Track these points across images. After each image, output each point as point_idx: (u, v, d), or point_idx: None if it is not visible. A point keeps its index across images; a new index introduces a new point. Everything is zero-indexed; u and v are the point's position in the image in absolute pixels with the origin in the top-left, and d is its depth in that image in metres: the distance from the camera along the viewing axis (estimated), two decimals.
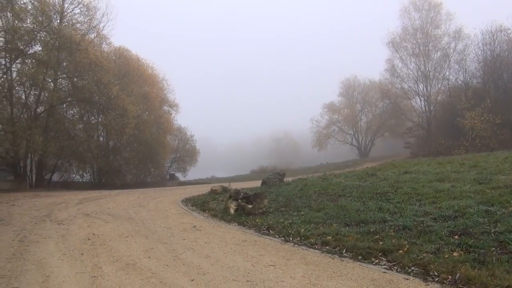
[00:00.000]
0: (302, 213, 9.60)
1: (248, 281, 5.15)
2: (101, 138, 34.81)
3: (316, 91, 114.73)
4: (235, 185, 17.34)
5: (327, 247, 6.77)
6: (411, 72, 43.77)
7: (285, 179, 17.60)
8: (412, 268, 5.34)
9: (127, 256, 6.47)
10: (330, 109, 58.64)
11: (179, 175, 45.50)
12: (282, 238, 7.69)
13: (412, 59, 43.67)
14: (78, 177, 34.34)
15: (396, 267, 5.49)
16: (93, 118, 33.75)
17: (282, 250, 6.77)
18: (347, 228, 7.75)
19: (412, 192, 10.10)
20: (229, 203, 10.88)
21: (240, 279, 5.25)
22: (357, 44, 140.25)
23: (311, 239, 7.30)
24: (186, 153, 45.47)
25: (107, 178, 32.71)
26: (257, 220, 9.43)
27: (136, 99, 31.59)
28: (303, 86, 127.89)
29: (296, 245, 7.09)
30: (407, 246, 6.07)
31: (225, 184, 17.21)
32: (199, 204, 12.96)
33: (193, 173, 47.76)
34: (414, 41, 43.16)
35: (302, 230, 7.92)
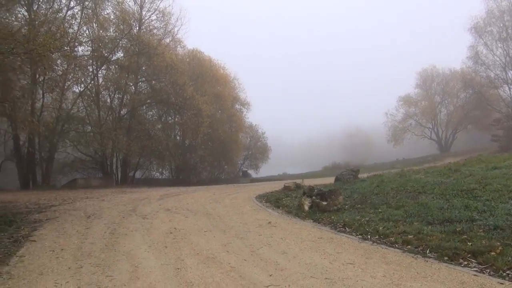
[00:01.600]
0: (380, 210, 9.26)
1: (326, 278, 5.09)
2: (177, 137, 36.58)
3: (389, 83, 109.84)
4: (307, 182, 17.23)
5: (409, 247, 6.48)
6: (497, 59, 40.10)
7: (359, 176, 17.11)
8: (508, 272, 4.91)
9: (207, 250, 6.71)
10: (406, 101, 55.64)
11: (251, 172, 46.34)
12: (360, 236, 7.49)
13: (499, 44, 39.96)
14: (158, 174, 36.46)
15: (488, 270, 5.09)
16: (170, 118, 35.57)
17: (360, 248, 6.60)
18: (429, 227, 7.34)
19: (504, 189, 9.25)
20: (303, 199, 10.84)
21: (318, 276, 5.20)
22: (435, 32, 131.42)
23: (391, 238, 7.02)
24: (258, 150, 46.11)
25: (184, 175, 34.31)
26: (333, 217, 9.29)
27: (209, 98, 32.68)
28: (375, 79, 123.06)
29: (375, 244, 6.86)
30: (500, 248, 5.59)
31: (298, 181, 17.17)
32: (273, 200, 13.07)
33: (265, 170, 48.37)
34: (501, 25, 39.44)
35: (380, 228, 7.65)
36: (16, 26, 16.94)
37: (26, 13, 22.30)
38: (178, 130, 35.97)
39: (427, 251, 6.11)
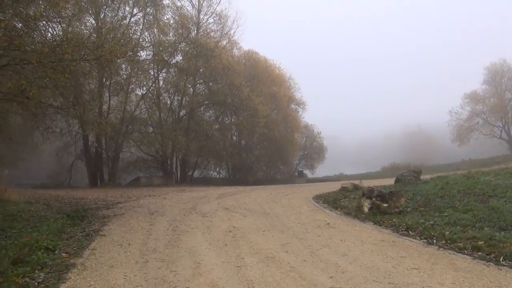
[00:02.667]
0: (445, 214, 8.79)
1: (390, 283, 4.92)
2: (234, 137, 37.17)
3: (453, 80, 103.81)
4: (366, 183, 16.76)
5: (479, 253, 6.09)
6: None
7: (421, 177, 16.36)
8: None
9: (266, 249, 6.75)
10: (472, 99, 52.15)
11: (307, 172, 45.95)
12: (424, 240, 7.15)
13: None
14: (215, 173, 37.28)
15: None
16: (226, 119, 36.26)
17: (425, 253, 6.30)
18: (502, 233, 6.86)
19: None
20: (362, 201, 10.56)
21: (381, 280, 5.04)
22: (504, 26, 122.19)
23: (459, 243, 6.64)
24: (314, 150, 45.63)
25: (240, 175, 34.80)
26: (394, 219, 8.95)
27: (265, 99, 32.90)
28: (437, 75, 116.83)
29: (441, 249, 6.52)
30: None
31: (356, 182, 16.77)
32: (331, 201, 12.87)
33: (321, 170, 47.74)
34: None
35: (446, 232, 7.26)
36: (86, 34, 18.15)
37: (93, 22, 23.83)
38: (235, 130, 36.55)
39: (501, 259, 5.71)
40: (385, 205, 9.83)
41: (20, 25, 9.80)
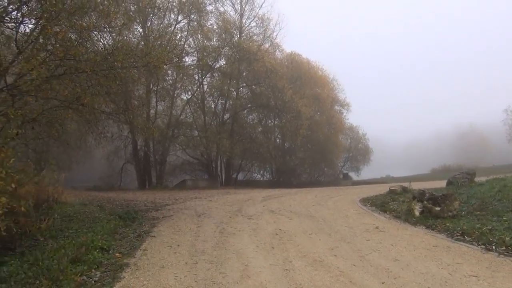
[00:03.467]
0: (505, 218, 8.27)
1: None
2: (277, 140, 37.17)
3: (508, 79, 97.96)
4: (415, 185, 16.17)
5: None
6: None
7: (475, 179, 15.54)
8: None
9: (314, 253, 6.67)
10: None
11: (352, 174, 45.08)
12: (482, 246, 6.77)
13: None
14: (259, 176, 37.44)
15: None
16: (270, 121, 36.34)
17: (484, 260, 5.97)
18: None
19: None
20: (413, 204, 10.18)
21: (436, 287, 4.83)
22: None
23: None
24: (359, 152, 44.69)
25: (284, 177, 34.72)
26: (448, 224, 8.55)
27: (308, 101, 32.64)
28: (490, 71, 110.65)
29: (502, 256, 6.15)
30: None
31: (405, 184, 16.21)
32: (379, 204, 12.52)
33: (366, 173, 46.62)
34: None
35: (507, 238, 6.83)
36: (134, 42, 18.89)
37: (141, 30, 24.80)
38: (278, 132, 36.56)
39: None
40: (438, 208, 9.41)
41: (74, 36, 10.31)
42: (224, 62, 31.09)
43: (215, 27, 30.16)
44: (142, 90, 22.71)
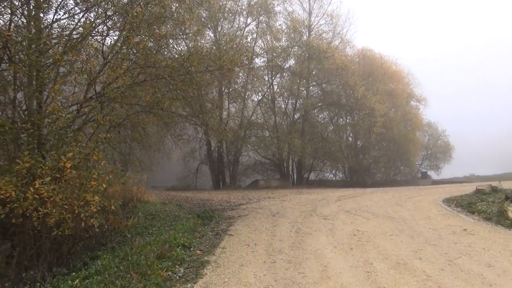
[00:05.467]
0: None
1: None
2: (349, 138, 36.25)
3: None
4: (506, 185, 14.81)
5: None
6: None
7: None
8: None
9: (396, 255, 6.38)
10: None
11: (431, 173, 42.45)
12: None
13: None
14: (331, 175, 36.77)
15: None
16: (341, 120, 35.54)
17: None
18: None
19: None
20: (505, 205, 9.34)
21: None
22: None
23: None
24: (438, 149, 42.00)
25: (357, 177, 33.75)
26: None
27: (381, 97, 31.38)
28: None
29: None
30: None
31: (494, 183, 14.92)
32: (465, 205, 11.65)
33: (447, 171, 43.62)
34: None
35: None
36: (206, 47, 19.54)
37: (212, 35, 25.61)
38: (350, 131, 35.63)
39: None
40: None
41: (152, 44, 10.91)
42: (294, 62, 30.98)
43: (283, 27, 30.18)
44: (215, 93, 23.44)
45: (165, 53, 12.44)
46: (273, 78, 30.84)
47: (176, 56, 12.42)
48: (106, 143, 8.77)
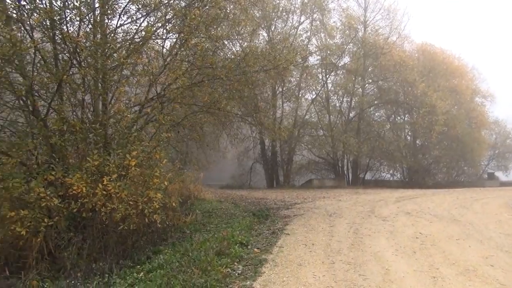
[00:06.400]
0: None
1: None
2: (408, 137, 34.82)
3: None
4: None
5: None
6: None
7: None
8: None
9: (464, 261, 6.02)
10: None
11: (499, 174, 39.61)
12: None
13: None
14: (389, 176, 35.50)
15: None
16: (399, 118, 34.23)
17: None
18: None
19: None
20: None
21: None
22: None
23: None
24: (507, 149, 39.07)
25: (416, 177, 32.31)
26: None
27: (443, 93, 29.76)
28: None
29: None
30: None
31: None
32: None
33: None
34: None
35: None
36: (260, 46, 19.64)
37: (265, 34, 25.72)
38: (409, 130, 34.20)
39: None
40: None
41: (209, 46, 11.14)
42: (349, 59, 30.30)
43: (338, 24, 29.57)
44: (269, 93, 23.52)
45: (221, 54, 12.69)
46: (327, 76, 30.35)
47: (232, 56, 12.64)
48: (167, 142, 9.08)
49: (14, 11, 7.12)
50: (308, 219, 10.69)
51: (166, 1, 9.19)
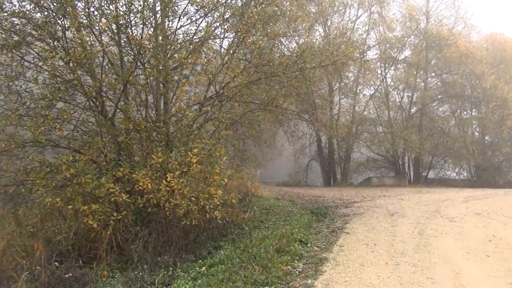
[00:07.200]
0: None
1: None
2: (475, 133, 32.66)
3: None
4: None
5: None
6: None
7: None
8: None
9: None
10: None
11: None
12: None
13: None
14: (454, 174, 33.55)
15: None
16: (465, 113, 32.20)
17: None
18: None
19: None
20: None
21: None
22: None
23: None
24: None
25: (486, 176, 30.22)
26: None
27: None
28: None
29: None
30: None
31: None
32: None
33: None
34: None
35: None
36: (317, 42, 19.36)
37: (321, 30, 25.33)
38: (476, 125, 32.05)
39: None
40: None
41: (266, 43, 11.14)
42: (409, 52, 29.01)
43: (398, 16, 28.45)
44: (326, 89, 23.13)
45: (277, 51, 12.67)
46: (387, 70, 29.28)
47: (288, 53, 12.59)
48: (226, 140, 9.22)
49: (85, 17, 7.56)
50: (369, 218, 10.37)
51: (224, 1, 9.32)
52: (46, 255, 6.58)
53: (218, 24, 9.62)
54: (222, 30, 9.96)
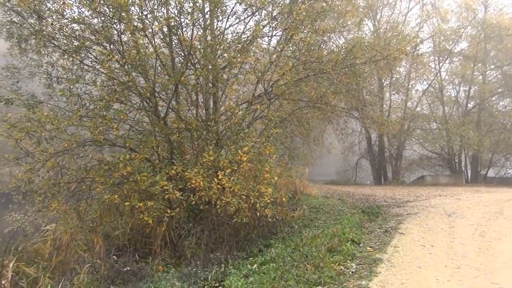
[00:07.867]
0: None
1: None
2: None
3: None
4: None
5: None
6: None
7: None
8: None
9: None
10: None
11: None
12: None
13: None
14: None
15: None
16: None
17: None
18: None
19: None
20: None
21: None
22: None
23: None
24: None
25: None
26: None
27: None
28: None
29: None
30: None
31: None
32: None
33: None
34: None
35: None
36: (367, 37, 18.82)
37: (371, 24, 24.65)
38: None
39: None
40: None
41: (314, 40, 10.98)
42: (466, 44, 27.49)
43: (453, 6, 27.06)
44: (376, 85, 22.47)
45: (325, 47, 12.45)
46: (441, 64, 27.93)
47: (336, 49, 12.32)
48: (275, 138, 9.19)
49: (138, 21, 7.82)
50: (424, 218, 9.94)
51: None
52: (105, 249, 6.93)
53: (266, 22, 9.59)
54: (270, 28, 9.90)
